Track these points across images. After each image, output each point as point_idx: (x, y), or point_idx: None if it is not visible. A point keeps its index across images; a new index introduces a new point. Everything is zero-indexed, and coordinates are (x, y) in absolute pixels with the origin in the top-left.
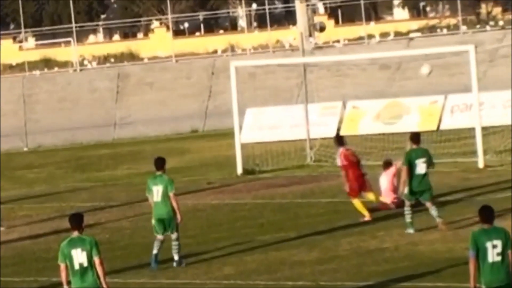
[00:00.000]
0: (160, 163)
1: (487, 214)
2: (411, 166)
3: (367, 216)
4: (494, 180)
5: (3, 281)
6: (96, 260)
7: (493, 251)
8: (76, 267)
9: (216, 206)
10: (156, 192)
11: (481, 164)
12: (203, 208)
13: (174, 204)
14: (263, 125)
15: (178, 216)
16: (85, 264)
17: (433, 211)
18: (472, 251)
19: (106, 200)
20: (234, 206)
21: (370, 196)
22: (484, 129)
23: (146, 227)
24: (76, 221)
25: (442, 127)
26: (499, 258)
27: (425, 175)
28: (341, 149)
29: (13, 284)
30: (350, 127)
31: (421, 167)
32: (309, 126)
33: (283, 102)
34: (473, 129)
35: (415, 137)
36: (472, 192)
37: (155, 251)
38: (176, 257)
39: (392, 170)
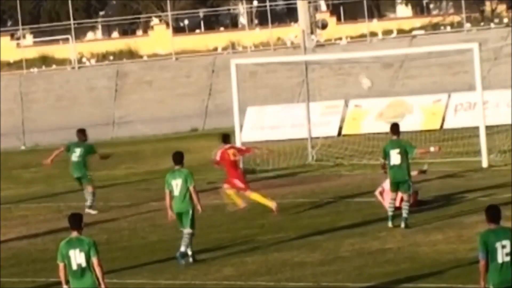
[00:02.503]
0: (178, 157)
1: (493, 213)
2: (388, 158)
3: (240, 204)
4: (498, 180)
5: (0, 282)
6: (95, 261)
7: (502, 251)
8: (74, 267)
9: (216, 206)
10: (175, 186)
11: (485, 164)
12: (203, 208)
13: (194, 197)
14: (264, 124)
15: (199, 208)
16: (84, 265)
17: (404, 207)
18: (482, 253)
19: (104, 200)
20: (235, 206)
21: (252, 196)
22: (488, 128)
23: (144, 228)
24: (75, 221)
25: (445, 126)
26: (508, 258)
27: (400, 166)
28: (224, 146)
29: (11, 285)
30: (352, 126)
31: (395, 158)
32: (311, 125)
33: (285, 101)
34: (477, 128)
35: (393, 128)
36: (476, 192)
37: (189, 252)
38: (182, 249)
39: None
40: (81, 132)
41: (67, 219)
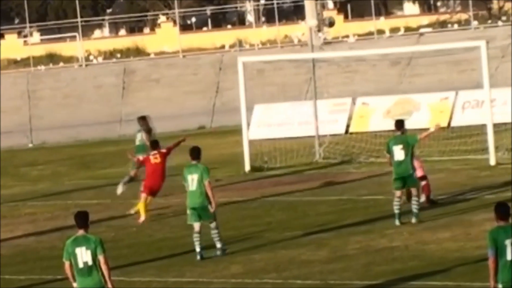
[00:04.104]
0: (195, 152)
1: (503, 211)
2: (391, 154)
3: (142, 218)
4: (506, 178)
5: (7, 279)
6: (101, 259)
7: None
8: (81, 265)
9: (223, 204)
10: (191, 181)
11: (492, 162)
12: (216, 205)
13: (209, 192)
14: (271, 122)
15: (213, 204)
16: (90, 263)
17: (414, 203)
18: (492, 250)
19: (111, 198)
20: (242, 204)
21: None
22: (495, 126)
23: (151, 225)
24: (82, 219)
25: (453, 124)
26: None
27: (403, 161)
28: (153, 152)
29: (18, 283)
30: (359, 124)
31: (399, 153)
32: (318, 123)
33: (292, 99)
34: (484, 126)
35: (397, 124)
36: (484, 190)
37: (198, 248)
38: (218, 245)
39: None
40: (143, 119)
41: (73, 218)
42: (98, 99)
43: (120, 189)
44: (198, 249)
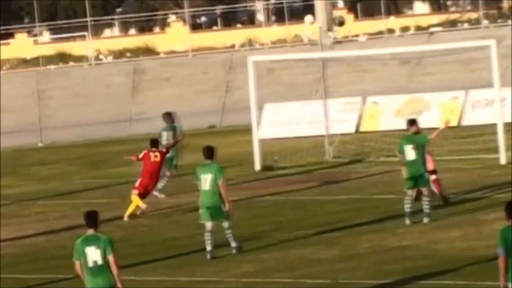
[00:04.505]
0: (209, 151)
1: None
2: (403, 153)
3: (143, 207)
4: None
5: (17, 278)
6: (111, 258)
7: None
8: (90, 265)
9: (233, 203)
10: (205, 181)
11: (503, 161)
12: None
13: (223, 192)
14: (282, 121)
15: (227, 205)
16: (100, 262)
17: (425, 203)
18: (502, 249)
19: (121, 197)
20: (252, 203)
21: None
22: (506, 125)
23: (162, 224)
24: (91, 218)
25: (463, 123)
26: None
27: (415, 161)
28: (153, 149)
29: (28, 282)
30: (370, 123)
31: (410, 153)
32: (328, 122)
33: (302, 98)
34: (494, 125)
35: (409, 123)
36: (494, 189)
37: (209, 247)
38: (233, 244)
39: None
40: (168, 115)
41: (83, 217)
42: (108, 98)
43: (160, 196)
44: (209, 248)
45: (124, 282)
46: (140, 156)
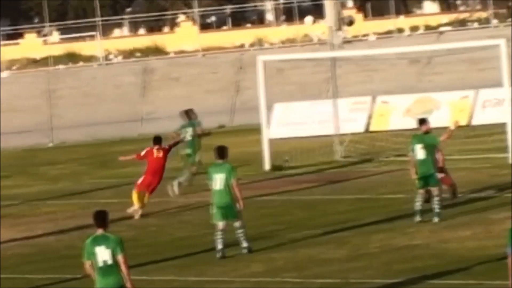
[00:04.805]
0: (221, 151)
1: None
2: (414, 153)
3: (136, 207)
4: None
5: (27, 278)
6: (121, 258)
7: None
8: (100, 264)
9: (243, 203)
10: (217, 180)
11: None
12: (244, 204)
13: (236, 192)
14: (291, 121)
15: (241, 203)
16: (109, 262)
17: (435, 203)
18: (511, 249)
19: (131, 197)
20: (262, 203)
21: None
22: None
23: (172, 224)
24: (100, 218)
25: (473, 123)
26: None
27: (425, 160)
28: (156, 147)
29: (37, 282)
30: (379, 123)
31: (420, 152)
32: (338, 122)
33: (311, 97)
34: (504, 124)
35: (419, 122)
36: (504, 189)
37: (220, 246)
38: (244, 244)
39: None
40: (187, 112)
41: (92, 217)
42: (118, 98)
43: (176, 191)
44: (220, 247)
45: (134, 282)
46: (142, 153)
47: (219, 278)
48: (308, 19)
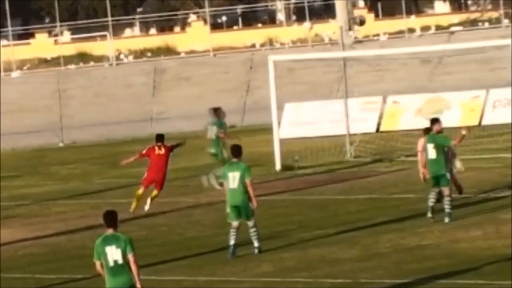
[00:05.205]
0: (237, 150)
1: None
2: (426, 152)
3: (132, 208)
4: None
5: (37, 278)
6: (131, 257)
7: None
8: (111, 264)
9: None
10: (233, 179)
11: None
12: (258, 203)
13: (251, 191)
14: (302, 121)
15: (254, 203)
16: (120, 261)
17: (446, 203)
18: None
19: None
20: (272, 203)
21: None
22: None
23: (182, 224)
24: (110, 218)
25: (484, 123)
26: None
27: (436, 160)
28: (157, 144)
29: (48, 281)
30: (390, 123)
31: (431, 152)
32: (349, 122)
33: (322, 97)
34: None
35: (431, 122)
36: None
37: (232, 242)
38: (256, 244)
39: None
40: (215, 110)
41: (102, 217)
42: (129, 98)
43: (218, 187)
44: (232, 242)
45: (144, 282)
46: (144, 151)
47: (229, 278)
48: (307, 24)
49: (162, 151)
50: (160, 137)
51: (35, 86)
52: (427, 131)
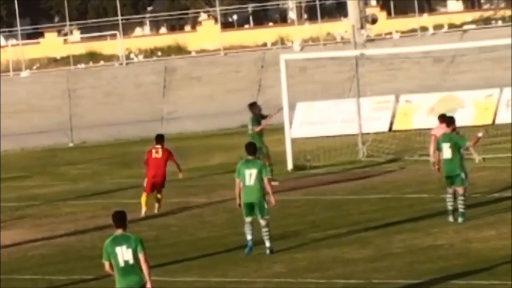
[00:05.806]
0: (252, 147)
1: None
2: (441, 151)
3: (142, 213)
4: None
5: (47, 279)
6: (141, 257)
7: None
8: (121, 264)
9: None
10: (249, 176)
11: None
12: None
13: (268, 188)
14: (314, 120)
15: (272, 199)
16: (131, 261)
17: (460, 203)
18: None
19: (152, 197)
20: (285, 203)
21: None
22: None
23: (193, 224)
24: (119, 218)
25: (497, 121)
26: None
27: (451, 160)
28: (155, 146)
29: (58, 282)
30: (403, 122)
31: (446, 152)
32: (361, 121)
33: (334, 96)
34: None
35: (447, 121)
36: None
37: (249, 237)
38: (268, 244)
39: None
40: (252, 106)
41: (111, 217)
42: (139, 97)
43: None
44: (249, 237)
45: (156, 283)
46: (145, 158)
47: (242, 279)
48: (306, 27)
49: (160, 154)
50: (159, 138)
51: (44, 86)
52: (445, 119)
